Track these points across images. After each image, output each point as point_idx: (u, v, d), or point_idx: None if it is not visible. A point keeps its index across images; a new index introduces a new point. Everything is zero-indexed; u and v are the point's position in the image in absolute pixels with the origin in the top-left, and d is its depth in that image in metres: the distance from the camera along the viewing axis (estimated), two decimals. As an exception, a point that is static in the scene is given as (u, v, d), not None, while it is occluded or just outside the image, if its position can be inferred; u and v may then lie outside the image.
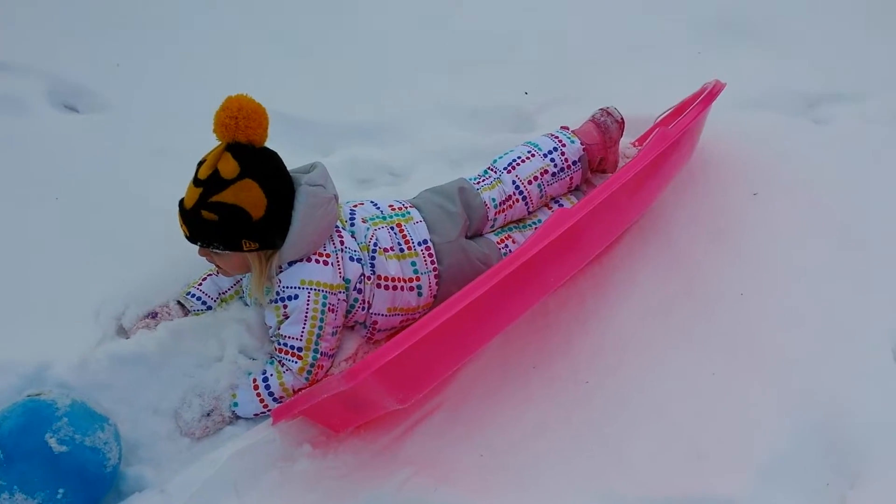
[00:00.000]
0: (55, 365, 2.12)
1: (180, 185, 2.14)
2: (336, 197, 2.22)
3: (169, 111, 2.98)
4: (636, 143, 2.90)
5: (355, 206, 2.38)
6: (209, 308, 2.39)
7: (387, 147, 2.95)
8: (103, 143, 2.84)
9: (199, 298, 2.38)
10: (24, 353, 2.13)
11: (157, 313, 2.34)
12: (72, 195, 2.63)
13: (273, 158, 2.12)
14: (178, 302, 2.39)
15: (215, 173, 2.03)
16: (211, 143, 2.09)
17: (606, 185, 2.21)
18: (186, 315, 2.37)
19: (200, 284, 2.40)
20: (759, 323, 2.40)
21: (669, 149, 2.39)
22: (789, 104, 3.18)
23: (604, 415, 2.21)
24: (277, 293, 2.18)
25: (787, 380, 2.26)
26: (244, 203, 2.04)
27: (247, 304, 2.38)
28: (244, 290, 2.37)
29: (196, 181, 2.07)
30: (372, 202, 2.42)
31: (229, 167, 2.03)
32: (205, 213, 2.04)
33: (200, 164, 2.09)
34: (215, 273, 2.40)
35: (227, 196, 2.03)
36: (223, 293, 2.41)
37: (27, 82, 3.02)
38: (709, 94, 2.61)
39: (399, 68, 3.26)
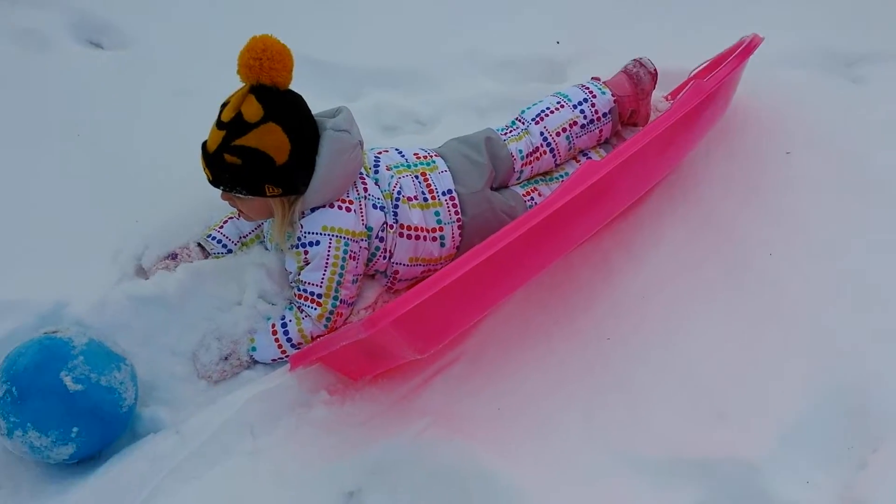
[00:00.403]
0: (73, 304, 2.12)
1: (204, 126, 2.11)
2: (361, 143, 2.18)
3: (194, 50, 2.93)
4: (669, 97, 2.82)
5: (380, 153, 2.34)
6: (229, 251, 2.37)
7: (413, 94, 2.89)
8: (127, 80, 2.81)
9: (219, 241, 2.36)
10: (42, 291, 2.13)
11: (177, 255, 2.33)
12: (94, 133, 2.61)
13: (298, 102, 2.07)
14: (199, 244, 2.37)
15: (238, 116, 1.99)
16: (236, 83, 2.05)
17: (638, 138, 2.15)
18: (206, 258, 2.35)
19: (221, 227, 2.38)
20: (788, 284, 2.35)
21: (703, 103, 2.32)
22: (827, 62, 3.06)
23: (625, 371, 2.18)
24: (299, 238, 2.15)
25: (814, 342, 2.22)
26: (267, 147, 2.00)
27: (267, 249, 2.35)
28: (265, 234, 2.35)
29: (219, 123, 2.03)
30: (397, 150, 2.38)
31: (253, 110, 1.99)
32: (228, 157, 2.01)
33: (224, 105, 2.05)
34: (237, 216, 2.37)
35: (250, 140, 1.99)
36: (244, 237, 2.39)
37: (51, 16, 2.98)
38: (746, 48, 2.53)
39: (428, 14, 3.19)
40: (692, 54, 2.79)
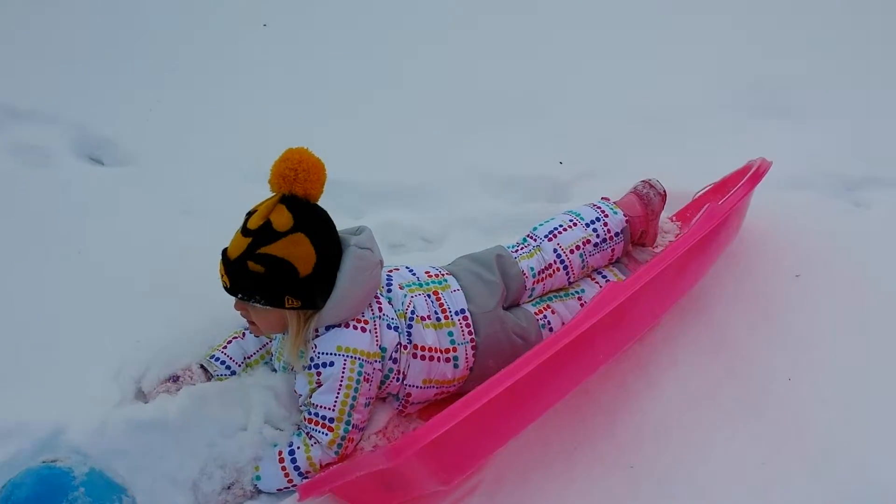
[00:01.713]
0: (71, 429, 2.00)
1: (208, 245, 2.10)
2: (381, 263, 2.14)
3: (197, 167, 2.92)
4: (674, 219, 2.82)
5: (391, 271, 2.29)
6: (233, 373, 2.27)
7: (419, 212, 2.87)
8: (128, 197, 2.77)
9: (223, 362, 2.27)
10: (38, 415, 2.01)
11: (178, 377, 2.23)
12: (95, 250, 2.54)
13: (325, 217, 2.06)
14: (201, 365, 2.27)
15: (267, 224, 1.96)
16: (240, 203, 2.05)
17: (659, 260, 2.12)
18: (209, 380, 2.25)
19: (225, 348, 2.29)
20: (809, 409, 2.28)
21: (720, 225, 2.31)
22: (829, 185, 3.10)
23: (649, 501, 2.08)
24: (312, 359, 2.07)
25: (837, 470, 2.14)
26: (293, 257, 1.96)
27: (273, 370, 2.26)
28: (273, 353, 2.26)
29: (245, 231, 1.99)
30: (407, 268, 2.33)
31: (283, 219, 1.96)
32: (251, 265, 1.96)
33: (250, 214, 2.02)
34: (241, 336, 2.30)
35: (276, 248, 1.95)
36: (248, 357, 2.30)
37: (52, 131, 2.96)
38: (756, 173, 2.54)
39: (432, 133, 3.21)
40: (695, 176, 2.82)
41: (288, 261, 1.97)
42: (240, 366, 2.28)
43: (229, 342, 2.30)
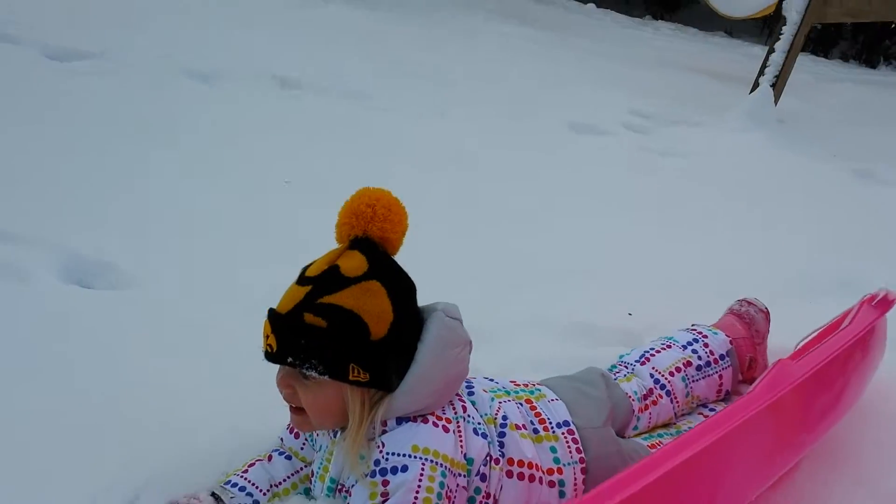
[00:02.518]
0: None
1: (216, 359, 1.97)
2: (471, 345, 1.64)
3: (204, 288, 2.47)
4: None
5: (469, 377, 1.77)
6: (256, 503, 1.67)
7: (478, 352, 2.38)
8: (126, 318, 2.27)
9: (242, 489, 1.67)
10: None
11: (180, 505, 1.63)
12: (73, 369, 2.01)
13: (405, 273, 1.57)
14: (213, 494, 1.66)
15: (334, 269, 1.49)
16: (245, 317, 1.77)
17: (826, 347, 1.66)
18: (224, 513, 1.64)
19: (246, 472, 1.70)
20: None
21: (875, 328, 1.87)
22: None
23: None
24: (377, 462, 1.49)
25: None
26: (365, 311, 1.46)
27: (312, 499, 1.67)
28: (314, 473, 1.66)
29: (302, 279, 1.51)
30: (486, 377, 1.83)
31: (354, 263, 1.49)
32: (309, 318, 1.45)
33: (308, 266, 1.55)
34: (266, 459, 1.73)
35: (345, 298, 1.46)
36: (276, 485, 1.70)
37: (34, 255, 2.46)
38: (885, 299, 2.15)
39: (488, 277, 2.82)
40: (781, 333, 2.40)
41: (358, 315, 1.47)
42: (265, 494, 1.68)
43: (251, 465, 1.72)
